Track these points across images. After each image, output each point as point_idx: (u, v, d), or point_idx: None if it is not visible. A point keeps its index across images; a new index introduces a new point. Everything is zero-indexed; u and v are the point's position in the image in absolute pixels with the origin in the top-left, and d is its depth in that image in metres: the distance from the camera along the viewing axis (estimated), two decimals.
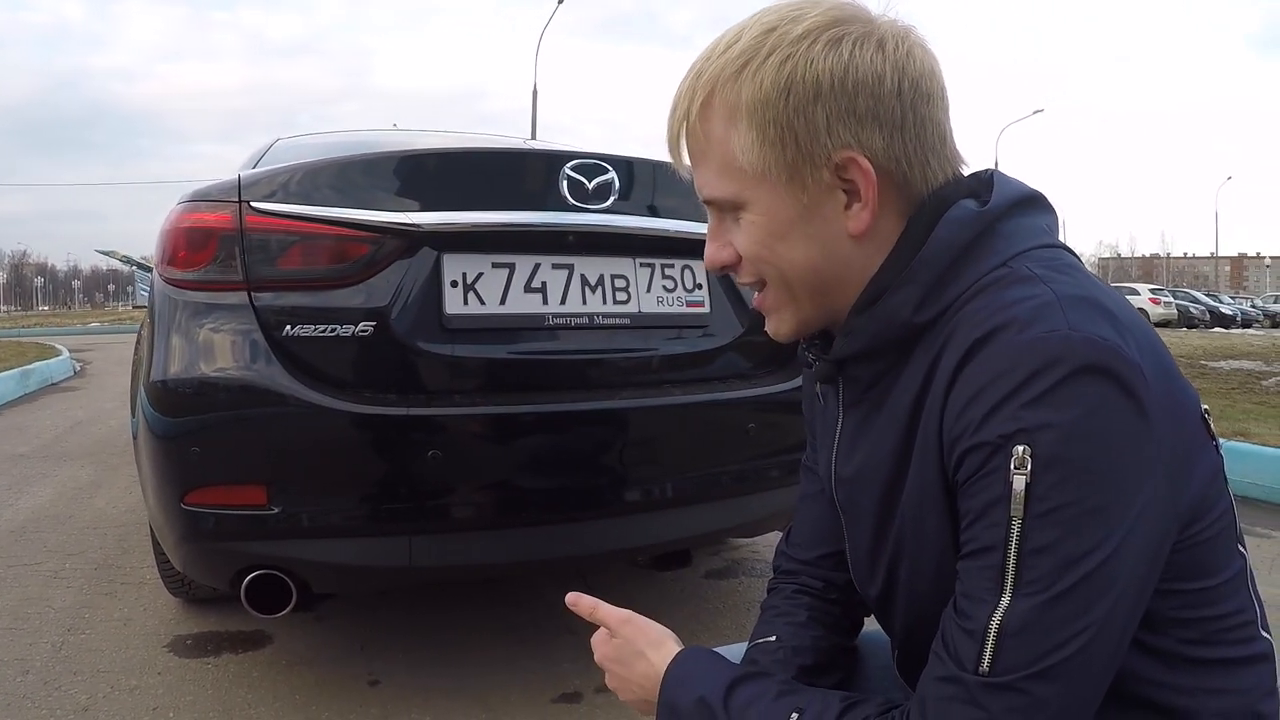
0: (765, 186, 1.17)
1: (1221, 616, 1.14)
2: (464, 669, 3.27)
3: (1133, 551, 0.99)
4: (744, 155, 1.16)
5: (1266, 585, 4.22)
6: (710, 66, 1.17)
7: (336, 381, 2.64)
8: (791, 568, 1.61)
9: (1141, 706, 1.13)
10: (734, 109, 1.15)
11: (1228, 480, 1.19)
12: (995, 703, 0.98)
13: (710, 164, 1.20)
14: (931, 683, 1.05)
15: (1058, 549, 0.97)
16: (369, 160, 2.88)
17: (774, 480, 3.10)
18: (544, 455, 2.81)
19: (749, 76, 1.14)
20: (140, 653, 3.38)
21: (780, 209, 1.17)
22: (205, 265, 2.67)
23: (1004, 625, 0.98)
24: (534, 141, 5.46)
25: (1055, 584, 0.97)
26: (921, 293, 1.13)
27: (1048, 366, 0.98)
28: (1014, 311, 1.03)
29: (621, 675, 1.41)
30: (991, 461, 1.00)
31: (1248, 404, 9.48)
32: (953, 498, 1.09)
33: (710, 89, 1.16)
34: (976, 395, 1.02)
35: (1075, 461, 0.97)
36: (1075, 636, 0.97)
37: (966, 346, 1.05)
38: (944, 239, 1.14)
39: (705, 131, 1.18)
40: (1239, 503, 1.12)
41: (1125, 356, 0.99)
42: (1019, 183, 1.25)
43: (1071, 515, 0.97)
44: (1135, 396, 0.99)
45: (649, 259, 3.04)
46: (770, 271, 1.22)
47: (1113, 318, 1.03)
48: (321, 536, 2.66)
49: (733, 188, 1.18)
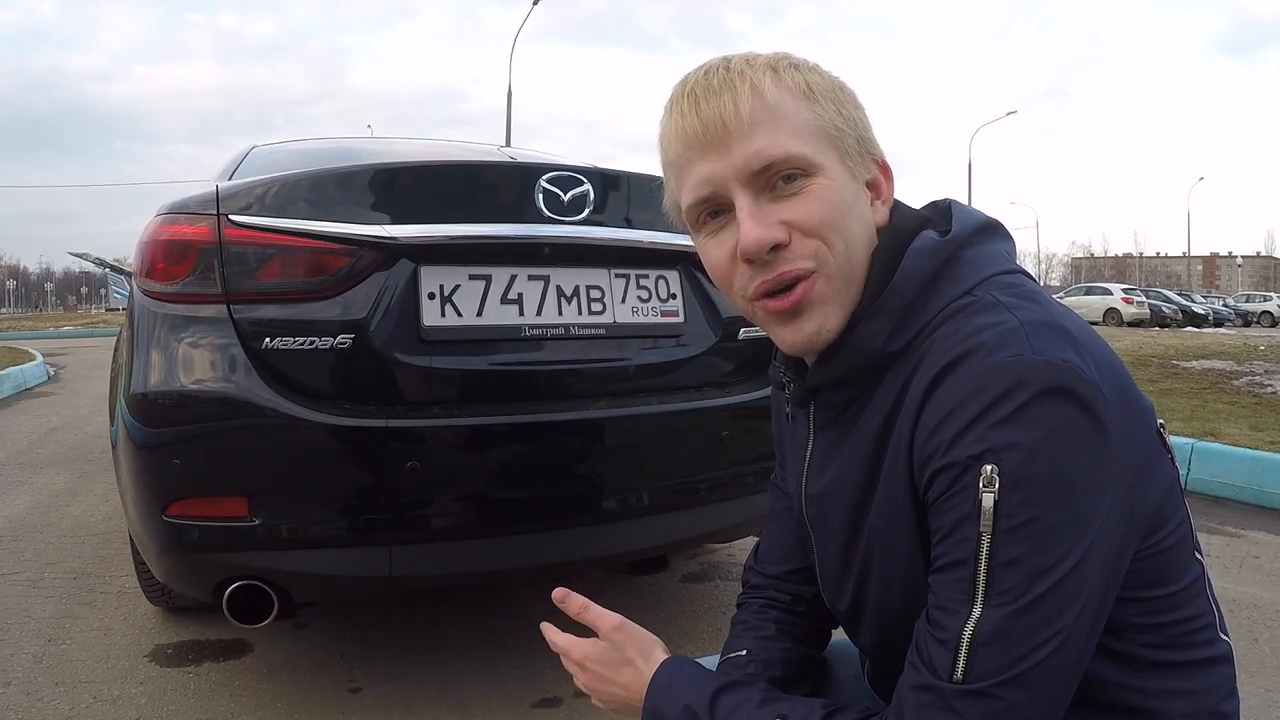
0: (837, 155, 1.20)
1: (1182, 621, 1.19)
2: (444, 676, 3.29)
3: (1096, 562, 1.04)
4: (826, 121, 1.20)
5: (1238, 583, 4.32)
6: (759, 60, 1.21)
7: (315, 393, 2.67)
8: (760, 582, 1.65)
9: (1109, 709, 1.17)
10: (805, 88, 1.20)
11: (1184, 490, 1.23)
12: (970, 708, 1.02)
13: (784, 125, 1.18)
14: (908, 690, 1.09)
15: (1026, 562, 1.01)
16: (346, 173, 2.90)
17: (749, 486, 3.13)
18: (521, 465, 2.83)
19: (807, 71, 1.22)
20: (122, 662, 3.39)
21: (847, 181, 1.21)
22: (184, 278, 2.69)
23: (976, 635, 1.02)
24: (509, 149, 5.47)
25: (1024, 595, 1.01)
26: (893, 323, 1.18)
27: (1013, 389, 1.02)
28: (981, 337, 1.08)
29: (605, 677, 1.42)
30: (961, 480, 1.04)
31: (1219, 404, 9.57)
32: (922, 515, 1.13)
33: (775, 69, 1.20)
34: (946, 417, 1.06)
35: (1040, 479, 1.01)
36: (1044, 644, 1.02)
37: (936, 371, 1.10)
38: (911, 269, 1.18)
39: (777, 99, 1.18)
40: (1210, 502, 1.16)
41: (1086, 377, 1.04)
42: (977, 211, 1.29)
43: (1038, 530, 1.01)
44: (1096, 415, 1.03)
45: (624, 270, 3.08)
46: (839, 245, 1.19)
47: (1073, 341, 1.08)
48: (302, 547, 2.67)
49: (812, 149, 1.18)
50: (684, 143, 1.21)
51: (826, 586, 1.42)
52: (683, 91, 1.21)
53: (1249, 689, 3.29)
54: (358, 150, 4.33)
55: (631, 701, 1.37)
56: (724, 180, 1.18)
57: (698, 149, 1.20)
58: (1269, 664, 3.55)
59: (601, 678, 1.43)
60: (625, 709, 1.40)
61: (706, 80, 1.19)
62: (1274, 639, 3.81)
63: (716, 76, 1.19)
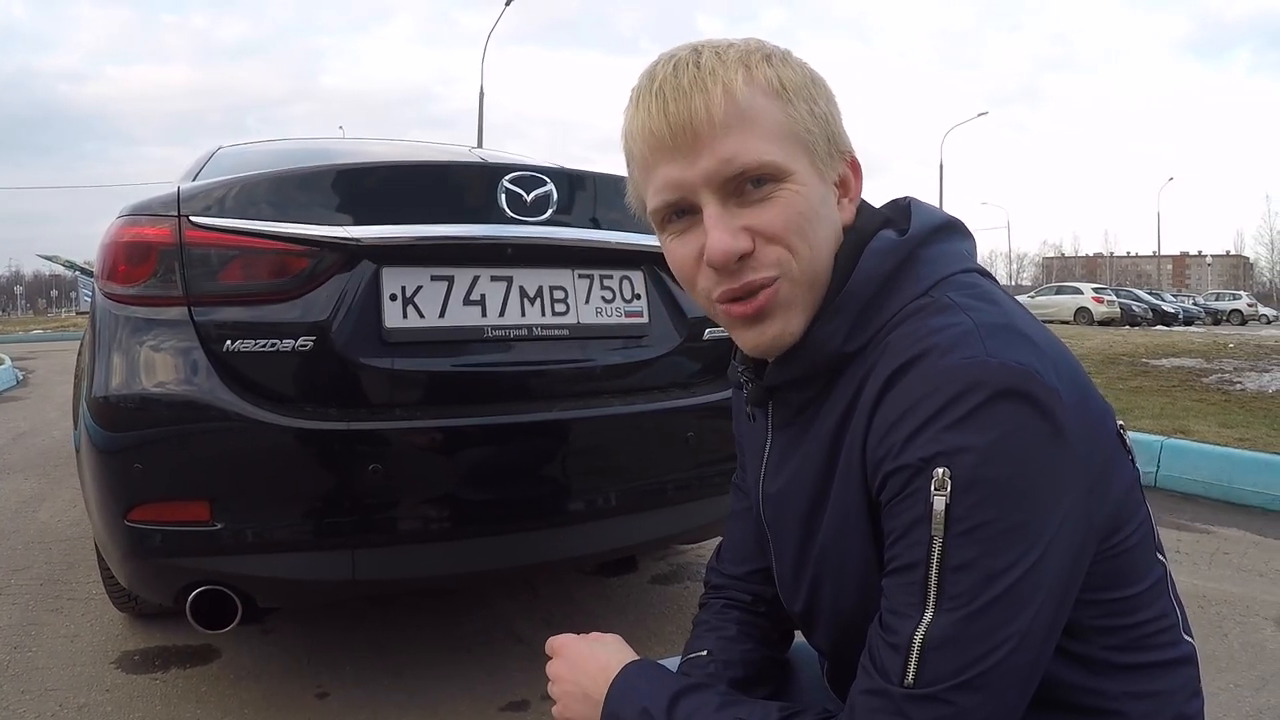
0: (807, 159, 1.18)
1: (1143, 623, 1.19)
2: (412, 680, 3.29)
3: (1051, 566, 1.03)
4: (799, 123, 1.17)
5: (1207, 579, 4.35)
6: (731, 52, 1.17)
7: (277, 396, 2.66)
8: (721, 582, 1.65)
9: (1071, 711, 1.17)
10: (777, 86, 1.17)
11: (1155, 487, 1.24)
12: (920, 713, 1.02)
13: (755, 130, 1.15)
14: (860, 695, 1.08)
15: (977, 566, 1.01)
16: (308, 174, 2.90)
17: (715, 487, 3.13)
18: (485, 467, 2.83)
19: (779, 64, 1.18)
20: (88, 669, 3.37)
21: (816, 185, 1.19)
22: (145, 280, 2.68)
23: (927, 639, 1.02)
24: (480, 150, 5.46)
25: (976, 599, 1.01)
26: (849, 323, 1.18)
27: (967, 391, 1.02)
28: (935, 339, 1.07)
29: (579, 662, 1.41)
30: (913, 483, 1.04)
31: (1188, 401, 9.65)
32: (876, 517, 1.13)
33: (747, 65, 1.16)
34: (899, 419, 1.06)
35: (993, 482, 1.01)
36: (996, 649, 1.01)
37: (890, 372, 1.09)
38: (868, 270, 1.18)
39: (749, 100, 1.15)
40: (1180, 499, 1.16)
41: (1042, 380, 1.03)
42: (936, 210, 1.29)
43: (990, 534, 1.01)
44: (1052, 418, 1.03)
45: (588, 270, 3.08)
46: (803, 249, 1.18)
47: (1030, 342, 1.08)
48: (265, 551, 2.66)
49: (783, 154, 1.16)
50: (650, 145, 1.18)
51: (783, 587, 1.42)
52: (650, 86, 1.17)
53: (1218, 684, 3.32)
54: (323, 151, 4.34)
55: (593, 695, 1.35)
56: (692, 186, 1.17)
57: (665, 152, 1.17)
58: (1239, 659, 3.58)
59: (577, 664, 1.41)
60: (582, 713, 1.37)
61: (676, 78, 1.16)
62: (1243, 634, 3.84)
63: (686, 74, 1.15)
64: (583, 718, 1.36)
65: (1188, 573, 4.66)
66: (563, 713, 1.40)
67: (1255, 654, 3.64)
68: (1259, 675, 3.44)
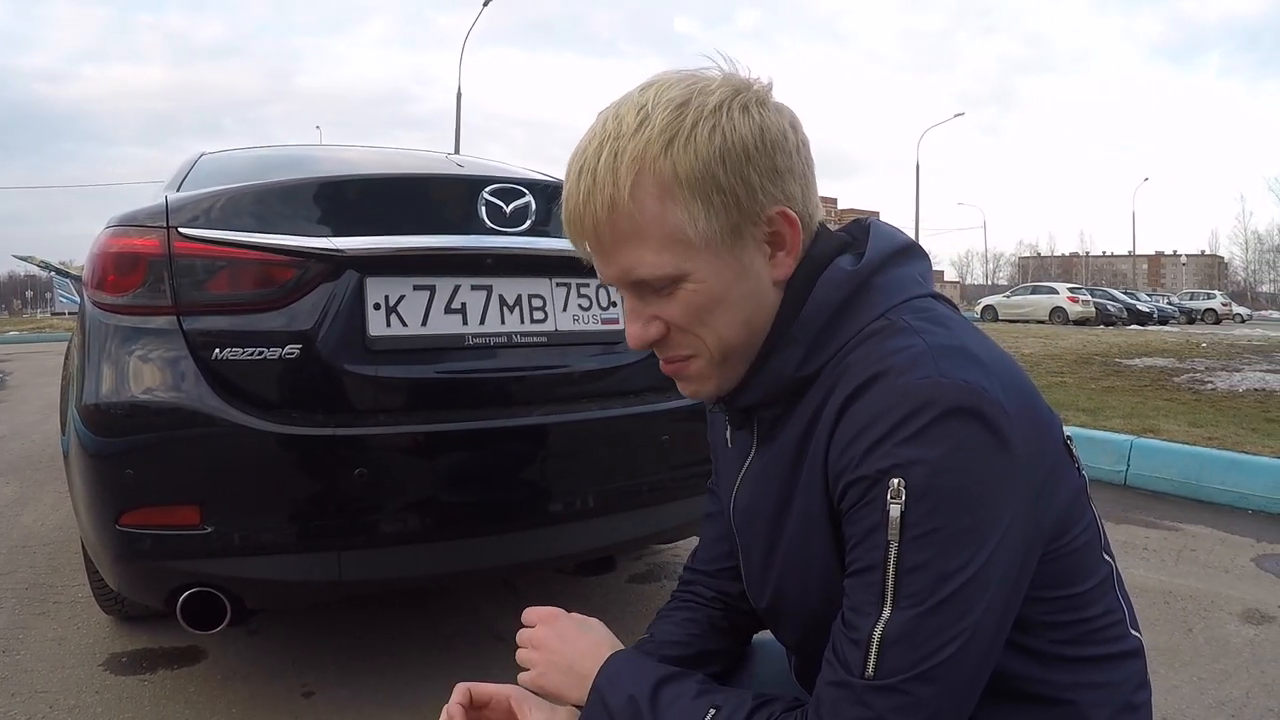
0: (707, 254, 1.22)
1: (1090, 619, 1.27)
2: (397, 679, 3.33)
3: (999, 567, 1.11)
4: (690, 227, 1.20)
5: (1174, 575, 4.43)
6: (629, 145, 1.19)
7: (264, 403, 2.70)
8: (690, 578, 1.74)
9: (1025, 700, 1.25)
10: (670, 183, 1.19)
11: (1091, 498, 1.32)
12: (880, 703, 1.10)
13: (645, 243, 1.21)
14: (825, 686, 1.16)
15: (930, 567, 1.09)
16: (293, 186, 2.95)
17: (690, 488, 3.16)
18: (467, 470, 2.88)
19: (680, 149, 1.18)
20: (77, 672, 3.40)
21: (721, 272, 1.23)
22: (134, 290, 2.72)
23: (885, 635, 1.10)
24: (457, 156, 5.50)
25: (929, 598, 1.09)
26: (803, 351, 1.26)
27: (920, 409, 1.10)
28: (892, 360, 1.15)
29: (569, 637, 1.50)
30: (871, 493, 1.12)
31: (1159, 401, 9.72)
32: (838, 524, 1.20)
33: (638, 167, 1.18)
34: (858, 434, 1.14)
35: (944, 491, 1.09)
36: (949, 643, 1.09)
37: (849, 391, 1.17)
38: (821, 300, 1.26)
39: (639, 209, 1.19)
40: (1149, 497, 1.22)
41: (989, 397, 1.11)
42: (894, 233, 1.36)
43: (941, 538, 1.08)
44: (999, 432, 1.11)
45: (565, 279, 3.15)
46: (709, 336, 1.27)
47: (979, 363, 1.15)
48: (254, 554, 2.70)
49: (673, 261, 1.21)
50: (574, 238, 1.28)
51: (751, 588, 1.49)
52: (564, 190, 1.26)
53: (1183, 677, 3.40)
54: (305, 159, 4.36)
55: (578, 669, 1.43)
56: (609, 280, 1.28)
57: (585, 252, 1.28)
58: (1203, 653, 3.66)
59: (566, 638, 1.49)
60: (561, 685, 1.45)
61: (578, 189, 1.22)
62: (1207, 629, 3.92)
63: (584, 185, 1.21)
64: (562, 688, 1.45)
65: (1155, 569, 4.75)
66: (539, 680, 1.48)
67: (1219, 648, 3.72)
68: (1222, 669, 3.52)
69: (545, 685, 1.48)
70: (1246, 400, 10.00)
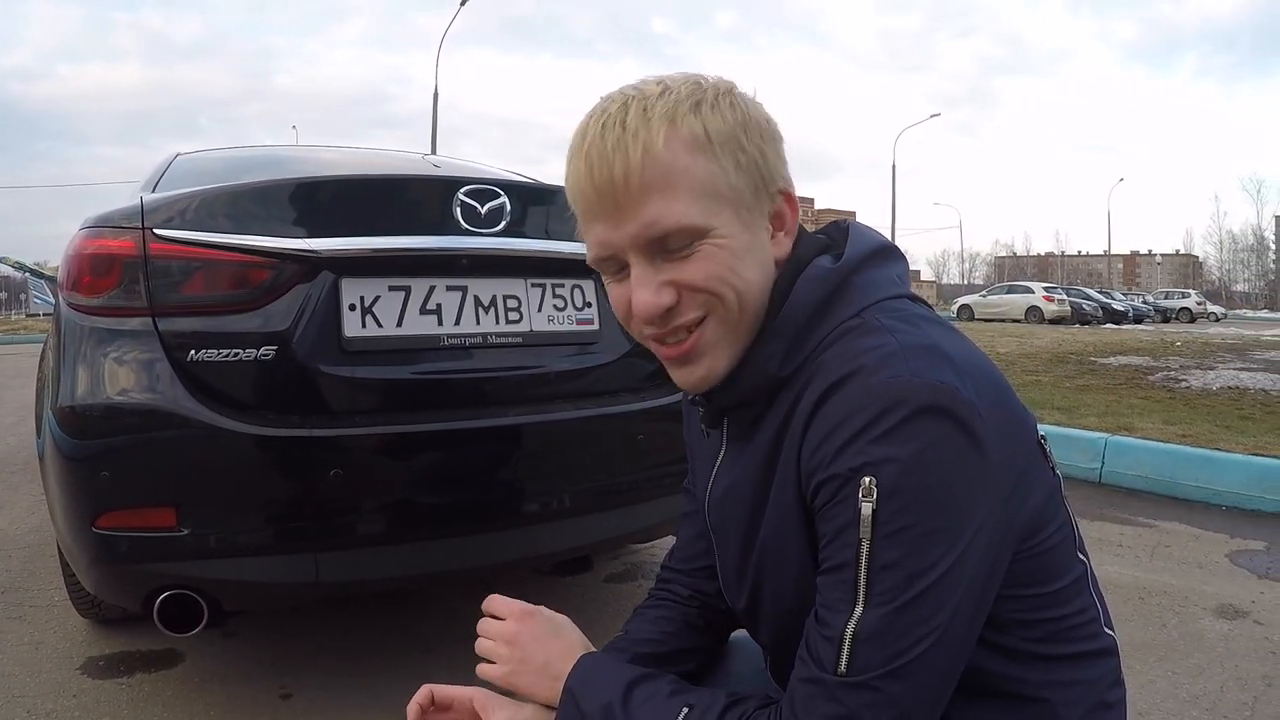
0: (731, 210, 1.24)
1: (1063, 617, 1.28)
2: (375, 679, 3.33)
3: (970, 566, 1.12)
4: (721, 178, 1.22)
5: (1149, 572, 4.47)
6: (660, 104, 1.21)
7: (240, 404, 2.70)
8: (667, 577, 1.75)
9: (998, 697, 1.26)
10: (701, 138, 1.21)
11: (1066, 498, 1.34)
12: (853, 699, 1.10)
13: (675, 192, 1.21)
14: (798, 683, 1.17)
15: (902, 565, 1.09)
16: (269, 186, 2.94)
17: (665, 487, 3.20)
18: (443, 471, 2.88)
19: (708, 111, 1.22)
20: (54, 676, 3.38)
21: (741, 232, 1.25)
22: (110, 291, 2.71)
23: (858, 632, 1.11)
24: (433, 157, 5.49)
25: (900, 595, 1.09)
26: (785, 348, 1.27)
27: (891, 408, 1.10)
28: (864, 359, 1.16)
29: (541, 638, 1.50)
30: (843, 491, 1.12)
31: (1134, 399, 9.77)
32: (811, 522, 1.21)
33: (670, 120, 1.21)
34: (830, 433, 1.15)
35: (914, 490, 1.09)
36: (920, 640, 1.10)
37: (822, 390, 1.18)
38: (803, 296, 1.27)
39: (671, 159, 1.20)
40: (1124, 494, 1.24)
41: (961, 397, 1.12)
42: (872, 235, 1.38)
43: (912, 536, 1.09)
44: (970, 432, 1.12)
45: (540, 279, 3.16)
46: (729, 296, 1.25)
47: (951, 362, 1.16)
48: (230, 555, 2.69)
49: (702, 214, 1.22)
50: (582, 205, 1.27)
51: (727, 587, 1.50)
52: (581, 146, 1.24)
53: (1157, 671, 3.43)
54: (281, 160, 4.35)
55: (553, 669, 1.44)
56: (620, 246, 1.25)
57: (595, 214, 1.25)
58: (1177, 649, 3.69)
59: (540, 637, 1.50)
60: (533, 685, 1.46)
61: (602, 139, 1.22)
62: (1181, 624, 3.96)
63: (612, 135, 1.21)
64: (534, 688, 1.46)
65: (1130, 565, 4.78)
66: (510, 679, 1.50)
67: (1193, 643, 3.75)
68: (1196, 664, 3.55)
69: (516, 684, 1.48)
70: (1220, 398, 10.08)
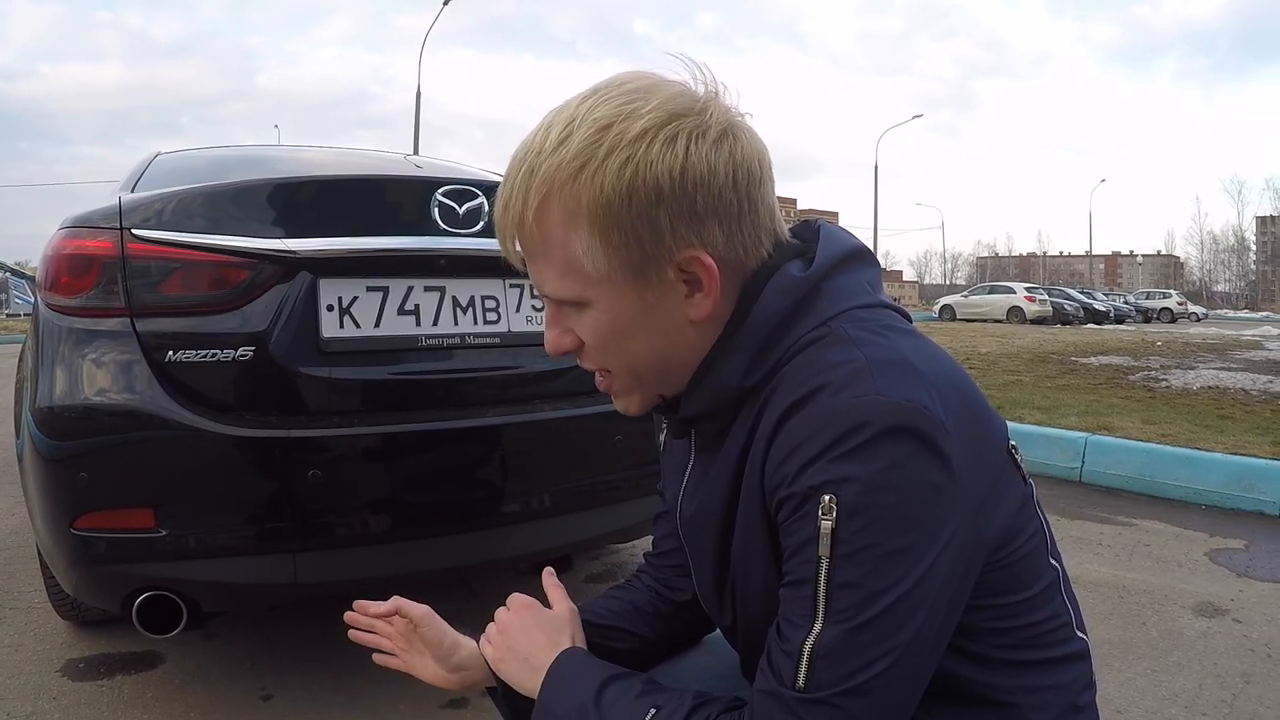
0: (608, 286, 1.20)
1: (1035, 624, 1.28)
2: (355, 681, 3.32)
3: (935, 583, 1.11)
4: (587, 258, 1.18)
5: (1128, 570, 4.49)
6: (544, 164, 1.16)
7: (218, 405, 2.70)
8: (643, 566, 1.77)
9: (972, 702, 1.26)
10: (574, 211, 1.16)
11: (1040, 505, 1.34)
12: (810, 715, 1.10)
13: (550, 264, 1.21)
14: (758, 695, 1.16)
15: (861, 585, 1.08)
16: (247, 187, 2.94)
17: (643, 488, 3.21)
18: (421, 471, 2.89)
19: (588, 179, 1.14)
20: (34, 678, 3.37)
21: (623, 306, 1.22)
22: (88, 292, 2.71)
23: (816, 648, 1.10)
24: (415, 158, 5.48)
25: (860, 614, 1.08)
26: (749, 359, 1.24)
27: (855, 429, 1.08)
28: (828, 375, 1.14)
29: (531, 626, 1.52)
30: (803, 508, 1.11)
31: (1114, 399, 9.82)
32: (775, 536, 1.20)
33: (546, 190, 1.16)
34: (792, 451, 1.13)
35: (875, 510, 1.08)
36: (880, 659, 1.09)
37: (786, 406, 1.16)
38: (768, 307, 1.23)
39: (543, 232, 1.19)
40: (1104, 493, 1.25)
41: (928, 415, 1.10)
42: (844, 237, 1.34)
43: (872, 556, 1.08)
44: (938, 451, 1.10)
45: (519, 280, 3.15)
46: (616, 363, 1.29)
47: (920, 377, 1.14)
48: (209, 556, 2.69)
49: (575, 288, 1.21)
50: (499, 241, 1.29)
51: (706, 602, 1.50)
52: None
53: (1136, 669, 3.46)
54: (261, 160, 4.33)
55: (533, 662, 1.44)
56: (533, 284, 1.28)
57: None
58: (1157, 647, 3.72)
59: (528, 629, 1.51)
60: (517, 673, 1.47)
61: (500, 191, 1.22)
62: (1161, 622, 3.98)
63: (504, 190, 1.21)
64: (518, 676, 1.47)
65: (1109, 564, 4.79)
66: (498, 665, 1.51)
67: (1172, 641, 3.78)
68: (1175, 661, 3.58)
69: (503, 670, 1.50)
70: (1200, 397, 10.14)
